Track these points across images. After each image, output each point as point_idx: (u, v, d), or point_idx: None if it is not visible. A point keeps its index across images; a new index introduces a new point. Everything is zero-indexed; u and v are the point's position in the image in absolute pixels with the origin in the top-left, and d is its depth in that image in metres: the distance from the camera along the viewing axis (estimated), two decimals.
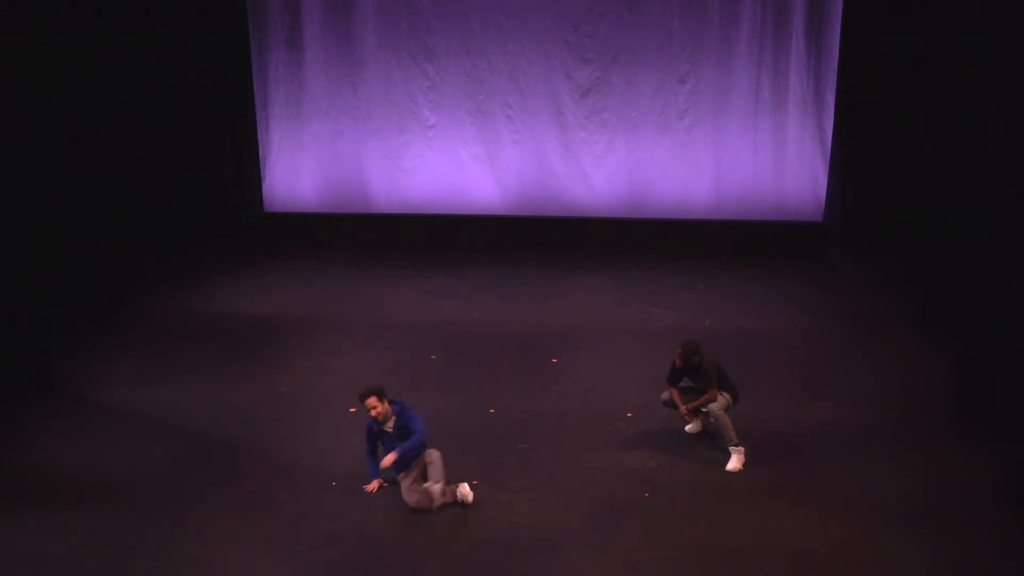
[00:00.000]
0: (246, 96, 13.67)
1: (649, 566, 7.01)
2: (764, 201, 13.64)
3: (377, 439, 7.90)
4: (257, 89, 13.71)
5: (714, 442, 8.60)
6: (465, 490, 7.72)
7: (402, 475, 7.79)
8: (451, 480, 7.75)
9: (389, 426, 7.79)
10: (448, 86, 13.59)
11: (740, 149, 13.51)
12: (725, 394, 8.40)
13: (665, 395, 8.69)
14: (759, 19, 13.04)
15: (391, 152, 13.87)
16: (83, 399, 9.53)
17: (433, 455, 7.80)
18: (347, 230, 14.05)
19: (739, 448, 8.24)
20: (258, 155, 13.95)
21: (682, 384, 8.59)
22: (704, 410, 8.45)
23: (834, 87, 13.07)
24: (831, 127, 13.23)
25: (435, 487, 7.68)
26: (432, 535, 7.36)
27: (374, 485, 7.90)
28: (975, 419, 8.94)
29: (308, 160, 13.99)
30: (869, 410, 9.23)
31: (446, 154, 13.83)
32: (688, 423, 8.73)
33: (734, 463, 8.23)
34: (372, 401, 7.70)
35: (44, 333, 10.20)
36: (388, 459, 7.72)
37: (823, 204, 13.54)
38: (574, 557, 7.10)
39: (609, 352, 10.54)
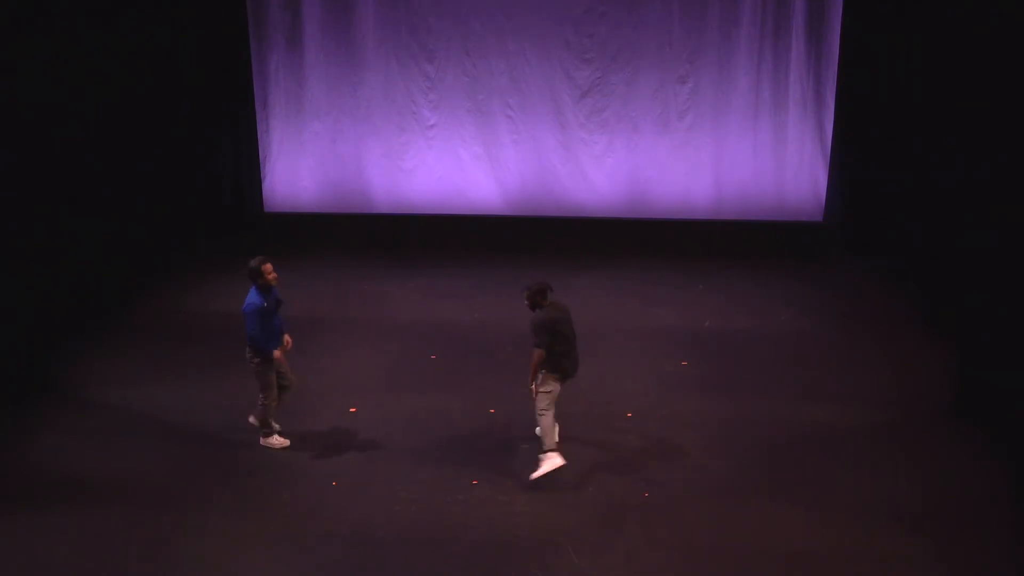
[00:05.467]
0: (246, 96, 13.67)
1: (649, 566, 7.02)
2: (764, 201, 13.64)
3: (265, 316, 8.15)
4: (257, 89, 13.72)
5: (713, 443, 8.60)
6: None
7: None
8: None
9: (271, 300, 8.22)
10: (448, 86, 13.59)
11: (740, 149, 13.51)
12: (550, 380, 7.84)
13: None
14: (759, 19, 13.04)
15: (391, 152, 13.87)
16: (83, 399, 9.54)
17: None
18: (347, 230, 14.05)
19: (548, 454, 7.91)
20: (258, 155, 13.96)
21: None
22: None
23: (834, 87, 13.08)
24: (831, 127, 13.23)
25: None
26: (432, 535, 7.36)
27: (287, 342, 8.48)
28: (975, 419, 8.94)
29: (308, 160, 13.99)
30: (869, 410, 9.23)
31: (446, 154, 13.83)
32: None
33: (541, 470, 7.87)
34: (271, 267, 8.15)
35: (43, 333, 10.20)
36: (288, 340, 8.43)
37: (823, 204, 13.54)
38: (574, 557, 7.10)
39: (609, 352, 10.53)
